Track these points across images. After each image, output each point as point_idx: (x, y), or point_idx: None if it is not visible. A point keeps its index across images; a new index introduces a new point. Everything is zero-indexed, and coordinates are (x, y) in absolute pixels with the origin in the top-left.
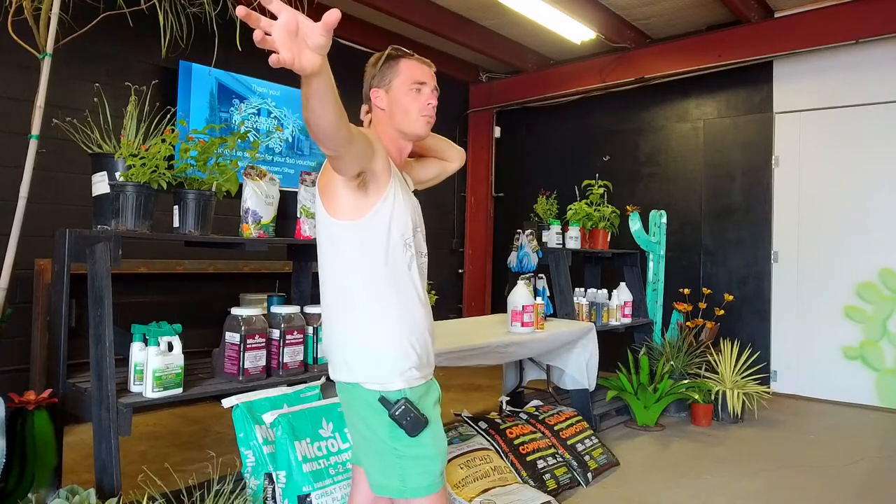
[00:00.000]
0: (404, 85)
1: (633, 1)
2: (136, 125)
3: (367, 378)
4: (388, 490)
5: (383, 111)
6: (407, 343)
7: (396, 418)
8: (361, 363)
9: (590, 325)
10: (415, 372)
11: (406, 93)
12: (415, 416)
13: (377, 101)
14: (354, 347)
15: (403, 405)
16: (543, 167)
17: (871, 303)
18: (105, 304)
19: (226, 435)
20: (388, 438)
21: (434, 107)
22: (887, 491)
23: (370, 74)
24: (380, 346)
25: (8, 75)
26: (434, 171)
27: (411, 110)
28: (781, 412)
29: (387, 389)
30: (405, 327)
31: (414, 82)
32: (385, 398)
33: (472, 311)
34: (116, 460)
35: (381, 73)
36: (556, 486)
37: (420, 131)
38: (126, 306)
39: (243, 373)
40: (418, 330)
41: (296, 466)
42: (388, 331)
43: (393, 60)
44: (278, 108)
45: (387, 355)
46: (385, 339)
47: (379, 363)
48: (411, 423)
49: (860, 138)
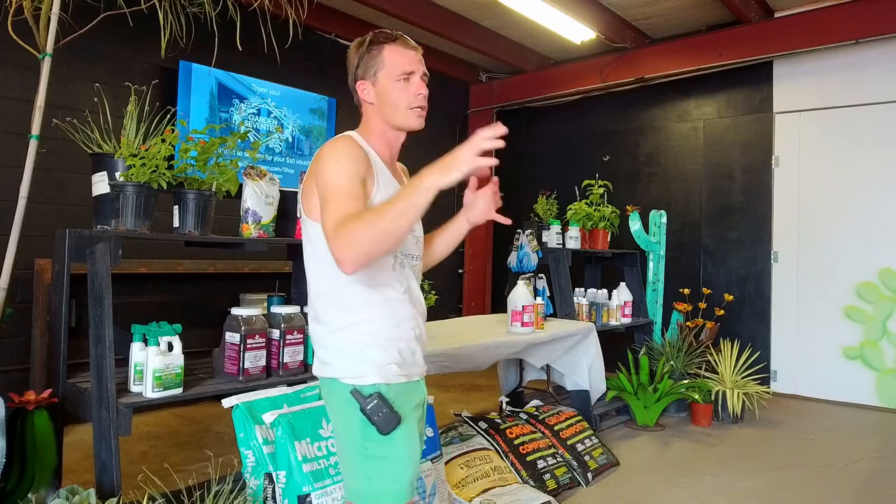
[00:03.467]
0: (391, 77)
1: (633, 1)
2: (136, 125)
3: (343, 372)
4: (355, 494)
5: (372, 105)
6: (388, 339)
7: (367, 413)
8: (340, 357)
9: (590, 325)
10: (394, 368)
11: (393, 85)
12: (387, 412)
13: (364, 95)
14: (334, 342)
15: (376, 399)
16: (543, 167)
17: (871, 303)
18: (105, 304)
19: (226, 435)
20: (359, 437)
21: (425, 96)
22: (887, 491)
23: (353, 63)
24: (359, 340)
25: (8, 75)
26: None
27: (400, 104)
28: (781, 412)
29: (361, 383)
30: (388, 324)
31: (401, 73)
32: (358, 391)
33: (472, 310)
34: (116, 460)
35: (364, 63)
36: (556, 486)
37: (412, 124)
38: (126, 306)
39: (243, 373)
40: (403, 328)
41: (296, 466)
42: (368, 326)
43: (376, 48)
44: (278, 108)
45: (365, 349)
46: (366, 334)
47: (356, 356)
48: (383, 420)
49: (860, 138)
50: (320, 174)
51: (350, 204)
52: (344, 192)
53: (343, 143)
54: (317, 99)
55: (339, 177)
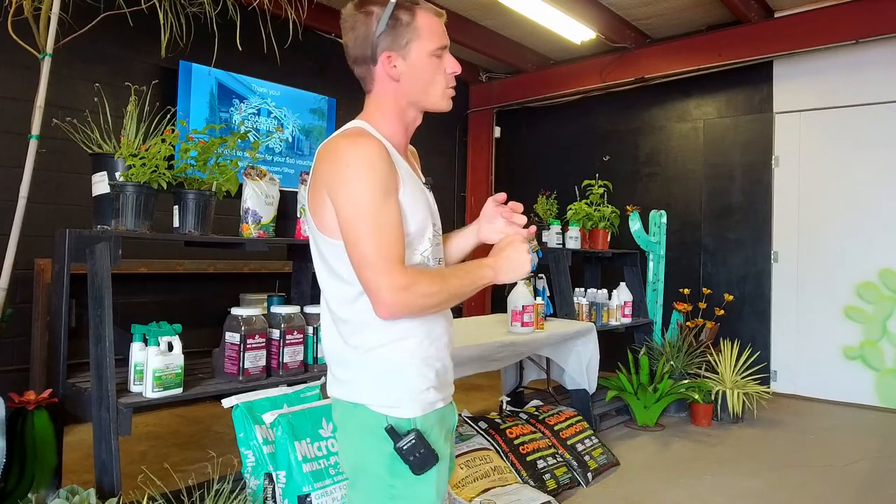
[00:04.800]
0: (426, 51)
1: (633, 1)
2: (136, 125)
3: (373, 399)
4: None
5: (397, 83)
6: (425, 358)
7: (403, 453)
8: (370, 380)
9: (590, 325)
10: (432, 394)
11: (429, 61)
12: (425, 452)
13: (390, 71)
14: (363, 363)
15: (414, 438)
16: (543, 167)
17: (871, 303)
18: (105, 304)
19: (226, 435)
20: (385, 474)
21: (457, 74)
22: (887, 491)
23: (366, 31)
24: (394, 360)
25: (8, 75)
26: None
27: (437, 85)
28: (781, 412)
29: (396, 414)
30: (425, 340)
31: (438, 46)
32: (394, 428)
33: (472, 310)
34: (116, 460)
35: (394, 31)
36: (556, 486)
37: (444, 107)
38: (126, 306)
39: (243, 373)
40: (438, 344)
41: (296, 466)
42: (405, 344)
43: (407, 13)
44: (278, 108)
45: (402, 371)
46: (403, 352)
47: (391, 380)
48: (420, 461)
49: (860, 138)
50: (340, 190)
51: (393, 237)
52: (380, 220)
53: (365, 147)
54: (317, 99)
55: (369, 198)
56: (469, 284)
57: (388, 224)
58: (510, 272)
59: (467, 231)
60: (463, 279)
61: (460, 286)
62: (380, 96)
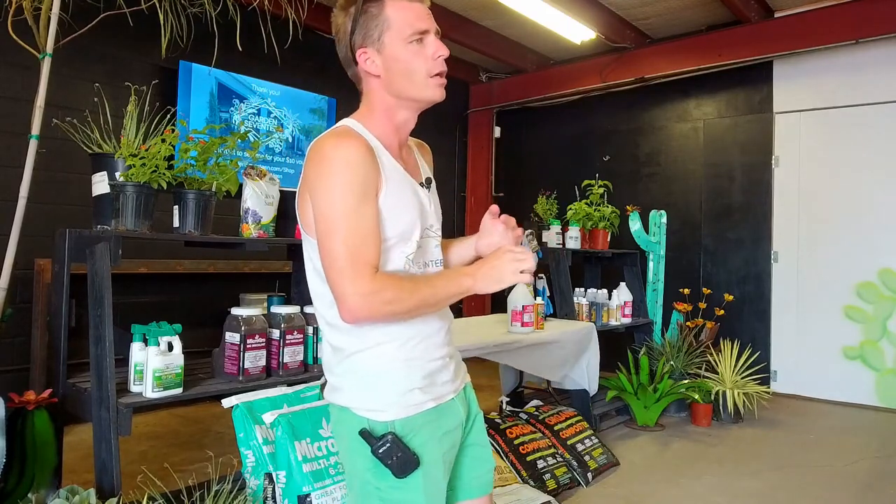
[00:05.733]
0: (400, 39)
1: (633, 1)
2: (136, 125)
3: (355, 402)
4: None
5: (378, 78)
6: (408, 360)
7: (380, 456)
8: (353, 383)
9: (590, 326)
10: (417, 396)
11: (405, 49)
12: (403, 456)
13: (367, 66)
14: (346, 367)
15: (389, 442)
16: (543, 167)
17: (871, 303)
18: (105, 304)
19: (226, 435)
20: (370, 476)
21: (445, 58)
22: (887, 491)
23: (345, 29)
24: (374, 362)
25: (8, 75)
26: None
27: (417, 71)
28: (781, 412)
29: (375, 418)
30: (406, 338)
31: (413, 32)
32: (368, 431)
33: (472, 310)
34: (116, 460)
35: (363, 26)
36: (556, 486)
37: (432, 96)
38: (126, 306)
39: (243, 373)
40: (428, 341)
41: (296, 466)
42: (384, 348)
43: (374, 6)
44: (278, 108)
45: (382, 375)
46: (381, 357)
47: (371, 385)
48: (398, 464)
49: (860, 138)
50: (317, 189)
51: (365, 241)
52: (352, 223)
53: (344, 146)
54: (317, 99)
55: (342, 199)
56: (443, 292)
57: (362, 227)
58: (490, 281)
59: (467, 242)
60: (437, 287)
61: (432, 294)
62: (368, 95)
